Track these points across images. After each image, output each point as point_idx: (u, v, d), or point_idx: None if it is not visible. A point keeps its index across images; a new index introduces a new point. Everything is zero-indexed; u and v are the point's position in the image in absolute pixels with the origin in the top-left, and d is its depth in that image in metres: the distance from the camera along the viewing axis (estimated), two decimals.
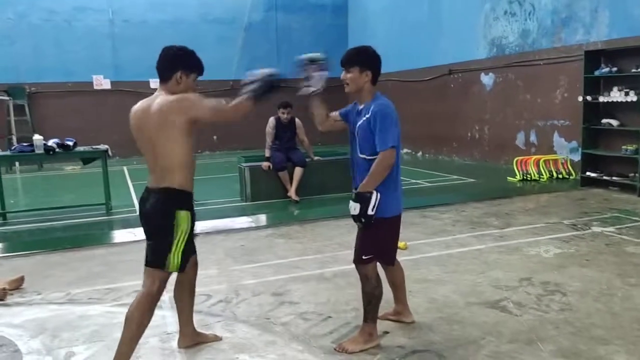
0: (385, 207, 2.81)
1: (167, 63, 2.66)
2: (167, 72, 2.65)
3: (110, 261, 4.73)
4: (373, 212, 2.75)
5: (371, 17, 14.75)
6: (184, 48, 2.70)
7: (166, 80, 2.66)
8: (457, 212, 6.24)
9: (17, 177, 11.36)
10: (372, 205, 2.74)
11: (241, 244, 5.16)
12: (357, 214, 2.77)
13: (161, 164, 2.62)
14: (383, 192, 2.79)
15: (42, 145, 6.55)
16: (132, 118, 2.70)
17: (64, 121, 12.99)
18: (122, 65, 13.95)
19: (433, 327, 3.18)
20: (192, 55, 2.71)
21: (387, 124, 2.76)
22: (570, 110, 8.46)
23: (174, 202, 2.62)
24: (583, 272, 4.09)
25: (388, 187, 2.82)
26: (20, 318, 3.51)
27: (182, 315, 3.00)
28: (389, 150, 2.75)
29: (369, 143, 2.81)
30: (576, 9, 8.47)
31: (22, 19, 13.30)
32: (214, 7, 14.89)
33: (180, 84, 2.65)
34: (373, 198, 2.74)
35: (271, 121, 7.45)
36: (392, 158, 2.77)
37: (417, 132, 12.61)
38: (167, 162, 2.60)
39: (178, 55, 2.67)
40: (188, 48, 2.71)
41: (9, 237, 6.00)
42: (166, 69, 2.65)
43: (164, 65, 2.66)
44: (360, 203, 2.76)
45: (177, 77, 2.64)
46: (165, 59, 2.67)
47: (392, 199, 2.86)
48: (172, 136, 2.56)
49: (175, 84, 2.65)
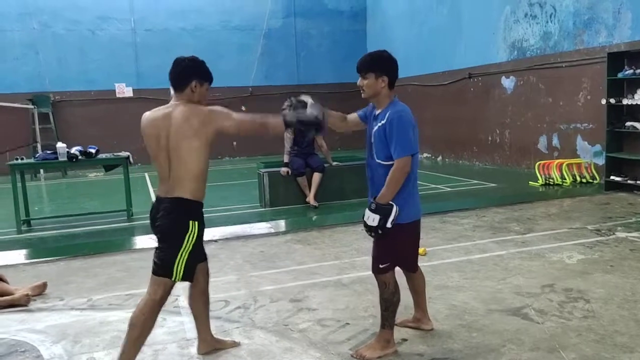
0: (403, 213, 2.79)
1: (181, 73, 2.71)
2: (182, 82, 2.70)
3: (130, 267, 4.79)
4: (391, 225, 2.73)
5: (390, 22, 14.72)
6: (195, 58, 2.77)
7: (182, 90, 2.70)
8: (477, 218, 6.17)
9: (42, 184, 11.60)
10: (391, 219, 2.72)
11: (260, 250, 5.18)
12: (376, 225, 2.74)
13: (176, 173, 2.64)
14: (399, 197, 2.77)
15: (65, 152, 6.68)
16: (147, 126, 2.72)
17: (87, 129, 13.24)
18: (143, 73, 14.16)
19: (452, 335, 3.14)
20: (203, 65, 2.76)
21: (403, 131, 2.74)
22: (594, 113, 8.31)
23: (185, 213, 2.64)
24: (607, 278, 4.00)
25: (404, 192, 2.80)
26: (42, 324, 3.57)
27: (198, 322, 3.03)
28: (405, 158, 2.73)
29: (384, 149, 2.79)
30: (598, 10, 8.33)
31: (46, 29, 13.60)
32: (234, 15, 15.03)
33: (195, 92, 2.70)
34: (393, 211, 2.72)
35: None
36: (407, 166, 2.75)
37: (437, 136, 12.53)
38: (183, 172, 2.63)
39: (191, 65, 2.74)
40: (198, 58, 2.77)
41: (33, 244, 6.12)
42: (182, 79, 2.70)
43: (179, 75, 2.71)
44: (380, 214, 2.73)
45: (192, 86, 2.69)
46: (178, 69, 2.72)
47: (410, 204, 2.84)
48: (194, 146, 2.60)
49: (190, 93, 2.70)
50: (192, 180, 2.64)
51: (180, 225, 2.63)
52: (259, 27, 15.10)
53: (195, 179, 2.64)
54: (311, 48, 15.72)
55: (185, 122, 2.59)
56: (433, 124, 12.36)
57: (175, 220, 2.64)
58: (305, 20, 15.62)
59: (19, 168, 6.90)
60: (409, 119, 2.79)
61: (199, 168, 2.64)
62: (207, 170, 2.71)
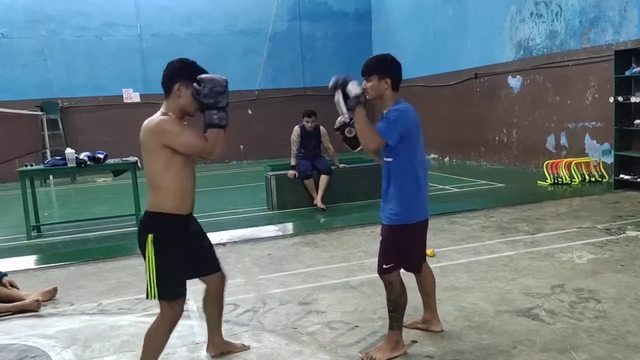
0: (409, 213, 2.81)
1: (166, 77, 2.59)
2: (167, 85, 2.58)
3: (140, 271, 4.78)
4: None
5: (395, 23, 14.71)
6: (183, 60, 2.61)
7: (167, 95, 2.60)
8: (485, 218, 6.14)
9: (52, 190, 11.68)
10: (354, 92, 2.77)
11: (268, 253, 5.18)
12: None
13: (147, 183, 2.62)
14: (403, 197, 2.81)
15: (74, 158, 6.72)
16: None
17: (95, 134, 13.34)
18: (150, 78, 14.21)
19: (462, 336, 3.13)
20: (192, 66, 2.59)
21: (395, 120, 2.77)
22: (602, 111, 8.26)
23: (145, 226, 2.57)
24: (618, 277, 3.97)
25: (407, 192, 2.83)
26: (53, 329, 3.59)
27: (209, 325, 3.05)
28: (380, 138, 2.76)
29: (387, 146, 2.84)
30: (604, 8, 8.28)
31: (54, 36, 13.71)
32: (239, 19, 15.09)
33: (180, 96, 2.57)
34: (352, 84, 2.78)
35: (296, 130, 7.49)
36: (375, 144, 2.79)
37: (444, 137, 12.49)
38: (148, 182, 2.60)
39: (176, 67, 2.58)
40: (188, 60, 2.61)
41: (43, 249, 6.16)
42: (166, 82, 2.59)
43: (164, 79, 2.59)
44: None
45: (176, 89, 2.56)
46: (165, 73, 2.60)
47: (414, 204, 2.85)
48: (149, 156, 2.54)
49: (175, 97, 2.58)
50: (157, 193, 2.57)
51: (141, 240, 2.56)
52: (264, 31, 15.14)
53: (160, 191, 2.56)
54: (316, 50, 15.74)
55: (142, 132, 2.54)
56: (440, 125, 12.32)
57: (139, 236, 2.58)
58: (310, 23, 15.64)
59: (29, 174, 6.95)
60: (409, 116, 2.81)
61: (162, 181, 2.54)
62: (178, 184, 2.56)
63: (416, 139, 2.86)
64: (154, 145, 2.50)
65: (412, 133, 2.83)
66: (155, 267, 2.51)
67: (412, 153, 2.84)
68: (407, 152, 2.82)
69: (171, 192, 2.56)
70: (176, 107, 2.58)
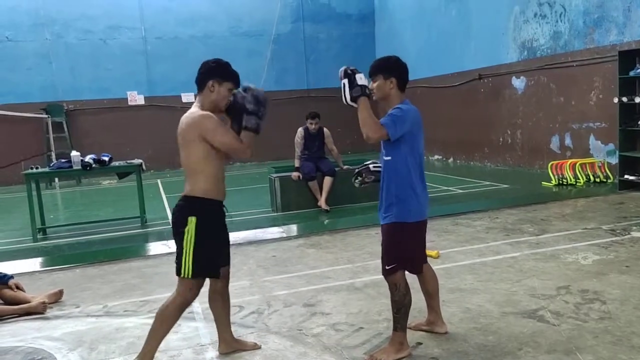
0: (406, 212, 2.84)
1: (202, 74, 2.84)
2: (202, 82, 2.83)
3: (145, 273, 4.82)
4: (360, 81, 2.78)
5: (398, 25, 14.72)
6: (218, 60, 2.88)
7: (201, 90, 2.84)
8: (490, 219, 6.14)
9: (57, 193, 11.73)
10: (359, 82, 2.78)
11: (272, 255, 5.19)
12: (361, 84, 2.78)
13: (185, 172, 2.82)
14: (400, 196, 2.83)
15: (79, 161, 6.76)
16: None
17: (100, 137, 13.39)
18: (155, 80, 14.29)
19: (467, 338, 3.13)
20: (226, 66, 2.86)
21: (399, 117, 2.78)
22: (606, 112, 8.24)
23: (187, 209, 2.77)
24: (623, 279, 3.96)
25: (406, 191, 2.84)
26: (59, 331, 3.61)
27: (217, 323, 3.11)
28: (383, 130, 2.75)
29: (386, 144, 2.87)
30: (608, 9, 8.27)
31: (59, 39, 13.78)
32: (243, 21, 15.13)
33: (213, 92, 2.82)
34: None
35: (300, 131, 7.50)
36: (377, 134, 2.76)
37: (448, 138, 12.48)
38: (187, 170, 2.81)
39: (211, 66, 2.85)
40: (223, 60, 2.88)
41: (49, 252, 6.19)
42: (201, 80, 2.83)
43: (200, 76, 2.84)
44: None
45: (210, 85, 2.80)
46: (200, 71, 2.85)
47: (411, 204, 2.86)
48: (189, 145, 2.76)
49: (208, 92, 2.82)
50: (195, 178, 2.78)
51: (182, 222, 2.75)
52: (268, 33, 15.16)
53: (198, 177, 2.77)
54: (320, 52, 15.76)
55: (183, 123, 2.79)
56: (444, 126, 12.32)
57: (178, 217, 2.79)
58: (314, 24, 15.67)
59: (34, 177, 6.99)
60: (412, 115, 2.82)
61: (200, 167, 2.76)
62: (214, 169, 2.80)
63: (416, 139, 2.87)
64: (194, 136, 2.73)
65: (413, 133, 2.84)
66: (194, 246, 2.72)
67: (411, 153, 2.85)
68: (406, 152, 2.84)
69: (210, 177, 2.79)
70: (208, 102, 2.82)
